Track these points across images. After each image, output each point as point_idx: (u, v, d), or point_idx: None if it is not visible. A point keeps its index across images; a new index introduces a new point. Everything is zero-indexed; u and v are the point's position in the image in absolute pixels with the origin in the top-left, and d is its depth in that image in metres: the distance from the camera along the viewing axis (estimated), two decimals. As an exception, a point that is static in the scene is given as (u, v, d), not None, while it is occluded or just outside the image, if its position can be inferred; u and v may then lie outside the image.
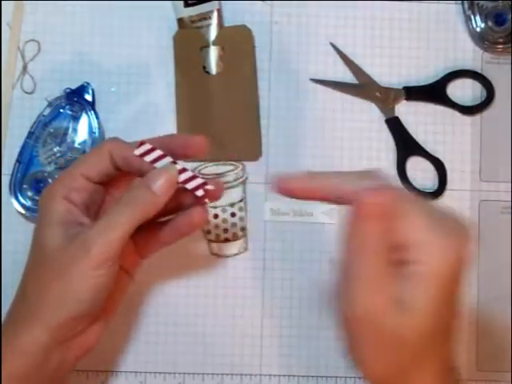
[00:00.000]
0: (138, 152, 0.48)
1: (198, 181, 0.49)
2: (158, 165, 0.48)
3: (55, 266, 0.47)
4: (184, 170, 0.48)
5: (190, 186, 0.48)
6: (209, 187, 0.49)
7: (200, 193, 0.49)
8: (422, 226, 0.41)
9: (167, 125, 0.62)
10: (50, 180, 0.60)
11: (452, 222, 0.42)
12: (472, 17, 0.63)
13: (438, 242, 0.40)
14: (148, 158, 0.48)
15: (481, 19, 0.63)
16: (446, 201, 0.62)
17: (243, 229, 0.62)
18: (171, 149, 0.49)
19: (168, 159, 0.48)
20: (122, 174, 0.51)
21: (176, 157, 0.49)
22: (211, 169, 0.62)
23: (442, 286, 0.40)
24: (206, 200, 0.49)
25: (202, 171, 0.61)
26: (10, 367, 0.48)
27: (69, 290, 0.47)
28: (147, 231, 0.52)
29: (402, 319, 0.41)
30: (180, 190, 0.49)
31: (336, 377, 0.61)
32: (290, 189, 0.45)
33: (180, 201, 0.51)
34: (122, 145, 0.50)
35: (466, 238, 0.41)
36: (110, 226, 0.47)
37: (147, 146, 0.48)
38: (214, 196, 0.50)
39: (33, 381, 0.49)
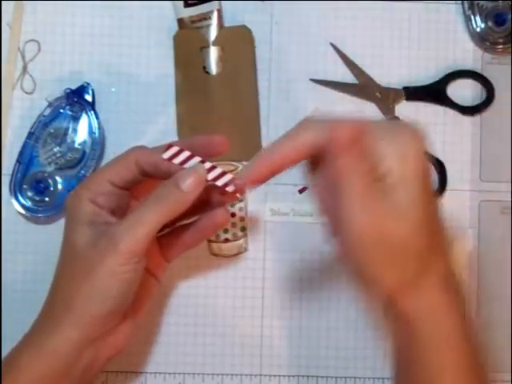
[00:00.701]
0: (166, 155, 0.49)
1: (228, 177, 0.49)
2: (186, 166, 0.49)
3: (84, 263, 0.49)
4: (213, 167, 0.49)
5: (219, 182, 0.49)
6: (238, 182, 0.49)
7: (230, 188, 0.49)
8: (382, 142, 0.45)
9: (167, 125, 0.62)
10: (49, 180, 0.60)
11: (406, 128, 0.47)
12: (472, 17, 0.63)
13: (398, 150, 0.45)
14: (176, 161, 0.49)
15: (481, 19, 0.63)
16: (446, 201, 0.62)
17: (243, 229, 0.62)
18: (194, 150, 0.50)
19: (196, 159, 0.49)
20: (147, 179, 0.52)
21: (200, 157, 0.50)
22: (211, 169, 0.62)
23: (417, 182, 0.45)
24: (238, 195, 0.51)
25: (202, 171, 0.61)
26: (43, 368, 0.49)
27: (97, 286, 0.48)
28: (171, 234, 0.55)
29: (398, 224, 0.44)
30: (206, 190, 0.50)
31: (336, 377, 0.61)
32: (254, 180, 0.48)
33: (205, 200, 0.53)
34: (148, 151, 0.52)
35: (418, 137, 0.46)
36: (137, 222, 0.48)
37: (175, 149, 0.49)
38: (242, 190, 0.50)
39: (65, 381, 0.50)
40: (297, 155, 0.47)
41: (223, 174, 0.49)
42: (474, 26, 0.63)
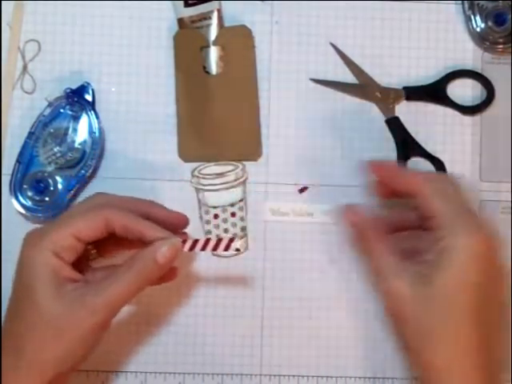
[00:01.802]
0: (186, 249, 0.51)
1: (225, 241, 0.51)
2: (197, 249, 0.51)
3: (53, 326, 0.48)
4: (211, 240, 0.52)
5: (221, 249, 0.51)
6: (236, 242, 0.51)
7: (232, 250, 0.52)
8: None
9: (167, 125, 0.62)
10: (49, 180, 0.60)
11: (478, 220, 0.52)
12: (472, 17, 0.63)
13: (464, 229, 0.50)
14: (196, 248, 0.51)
15: (481, 19, 0.63)
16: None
17: (243, 229, 0.62)
18: (151, 218, 0.53)
19: (212, 244, 0.51)
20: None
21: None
22: (211, 169, 0.62)
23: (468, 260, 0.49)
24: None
25: (203, 171, 0.61)
26: None
27: (69, 348, 0.49)
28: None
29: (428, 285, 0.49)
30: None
31: (336, 377, 0.61)
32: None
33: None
34: (121, 213, 0.51)
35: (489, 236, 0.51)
36: (115, 292, 0.49)
37: (190, 241, 0.51)
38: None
39: None
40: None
41: (220, 240, 0.51)
42: (474, 25, 0.63)
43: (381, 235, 0.54)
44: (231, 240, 0.51)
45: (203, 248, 0.51)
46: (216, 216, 0.61)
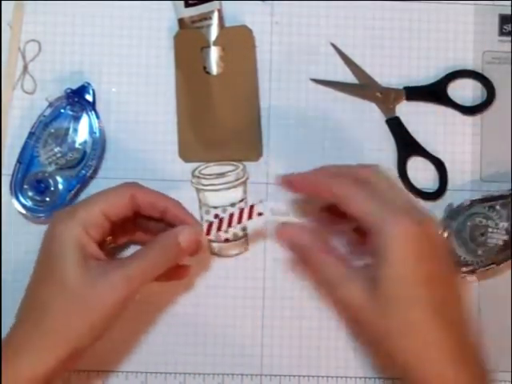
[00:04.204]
0: (212, 232, 0.54)
1: (246, 210, 0.54)
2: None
3: (76, 299, 0.49)
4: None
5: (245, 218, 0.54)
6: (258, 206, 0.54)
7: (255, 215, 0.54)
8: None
9: (167, 125, 0.62)
10: (50, 180, 0.60)
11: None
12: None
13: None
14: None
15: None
16: (447, 201, 0.62)
17: (244, 229, 0.62)
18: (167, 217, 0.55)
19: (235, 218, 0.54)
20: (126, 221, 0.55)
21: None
22: (212, 169, 0.62)
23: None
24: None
25: (203, 171, 0.61)
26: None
27: (88, 322, 0.50)
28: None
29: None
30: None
31: (337, 377, 0.62)
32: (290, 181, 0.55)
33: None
34: (146, 190, 0.54)
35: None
36: (139, 271, 0.51)
37: (213, 221, 0.55)
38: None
39: None
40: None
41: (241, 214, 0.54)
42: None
43: (322, 246, 0.53)
44: (252, 207, 0.54)
45: (229, 224, 0.54)
46: (216, 216, 0.61)
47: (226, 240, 0.61)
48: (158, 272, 0.52)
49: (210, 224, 0.54)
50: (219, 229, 0.55)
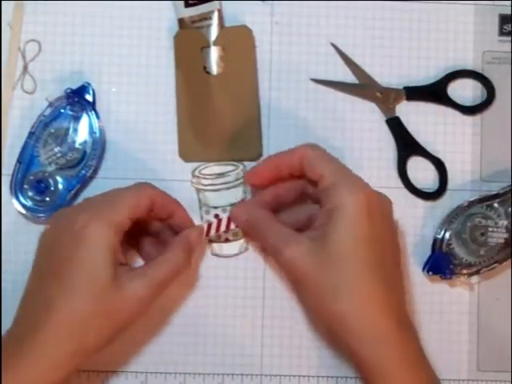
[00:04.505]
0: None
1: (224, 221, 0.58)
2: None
3: (105, 303, 0.50)
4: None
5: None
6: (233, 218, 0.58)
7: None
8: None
9: (167, 125, 0.62)
10: (50, 180, 0.60)
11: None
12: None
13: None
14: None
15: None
16: (447, 201, 0.62)
17: (244, 229, 0.62)
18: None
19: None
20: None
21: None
22: (212, 169, 0.62)
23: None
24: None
25: (203, 171, 0.61)
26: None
27: (112, 328, 0.51)
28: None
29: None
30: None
31: (337, 377, 0.61)
32: (257, 176, 0.57)
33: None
34: (160, 191, 0.56)
35: None
36: (160, 278, 0.53)
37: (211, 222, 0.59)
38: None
39: None
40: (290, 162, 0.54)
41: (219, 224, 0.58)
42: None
43: (268, 213, 0.55)
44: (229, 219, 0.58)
45: (227, 225, 0.58)
46: (216, 216, 0.61)
47: (226, 240, 0.61)
48: (177, 275, 0.54)
49: (210, 225, 0.56)
50: (218, 230, 0.57)
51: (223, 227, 0.57)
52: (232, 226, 0.57)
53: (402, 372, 0.50)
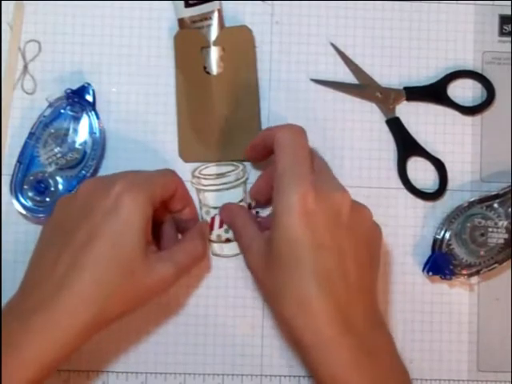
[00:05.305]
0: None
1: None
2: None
3: (132, 275, 0.50)
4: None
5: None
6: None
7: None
8: None
9: (167, 125, 0.62)
10: (50, 180, 0.60)
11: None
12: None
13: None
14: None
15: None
16: (447, 201, 0.62)
17: (244, 229, 0.62)
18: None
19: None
20: None
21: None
22: (212, 169, 0.62)
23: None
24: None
25: (203, 171, 0.61)
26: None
27: (137, 302, 0.52)
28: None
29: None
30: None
31: (337, 377, 0.61)
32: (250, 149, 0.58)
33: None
34: (183, 183, 0.59)
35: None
36: (187, 263, 0.55)
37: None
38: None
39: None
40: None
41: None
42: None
43: (242, 210, 0.58)
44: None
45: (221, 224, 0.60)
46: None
47: (227, 240, 0.61)
48: (197, 264, 0.56)
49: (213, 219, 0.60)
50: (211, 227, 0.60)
51: (217, 226, 0.60)
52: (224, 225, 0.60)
53: (348, 377, 0.47)
